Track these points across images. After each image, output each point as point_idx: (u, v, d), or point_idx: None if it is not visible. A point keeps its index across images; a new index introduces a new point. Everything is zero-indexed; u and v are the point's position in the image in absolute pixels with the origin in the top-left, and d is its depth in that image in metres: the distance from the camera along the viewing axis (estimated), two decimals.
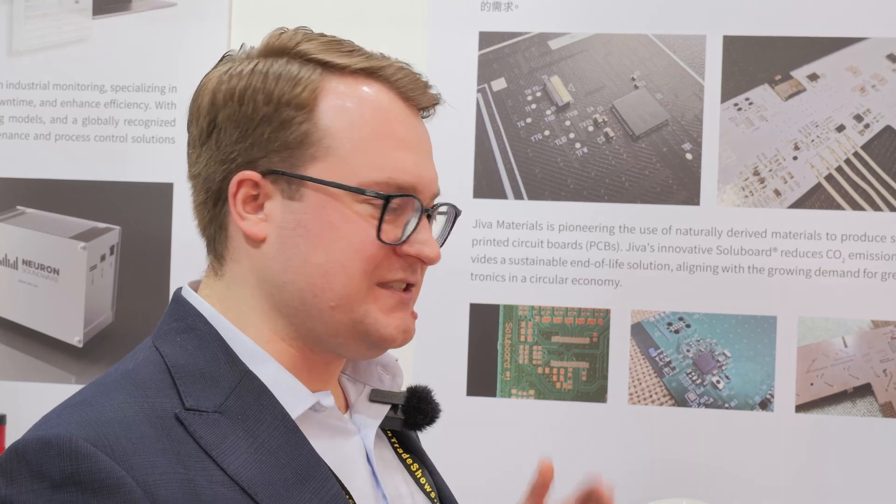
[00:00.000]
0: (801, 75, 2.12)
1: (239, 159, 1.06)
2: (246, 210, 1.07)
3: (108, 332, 2.25)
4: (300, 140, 1.05)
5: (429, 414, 1.15)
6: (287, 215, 1.06)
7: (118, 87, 2.26)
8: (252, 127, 1.06)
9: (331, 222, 1.04)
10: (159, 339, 1.07)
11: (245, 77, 1.07)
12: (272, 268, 1.06)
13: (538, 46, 2.17)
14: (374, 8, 2.21)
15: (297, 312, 1.06)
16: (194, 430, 0.99)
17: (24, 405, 2.23)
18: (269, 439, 1.02)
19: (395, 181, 1.06)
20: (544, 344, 2.15)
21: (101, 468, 0.92)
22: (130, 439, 0.95)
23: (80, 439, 0.93)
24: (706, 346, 2.11)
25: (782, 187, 2.11)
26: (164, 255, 2.23)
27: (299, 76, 1.06)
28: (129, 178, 2.25)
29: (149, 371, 1.04)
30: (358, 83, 1.08)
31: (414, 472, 1.17)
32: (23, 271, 2.28)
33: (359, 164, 1.05)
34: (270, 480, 1.00)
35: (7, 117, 2.28)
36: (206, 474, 0.97)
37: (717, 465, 2.09)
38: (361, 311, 1.06)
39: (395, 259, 1.07)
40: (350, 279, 1.05)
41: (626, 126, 2.15)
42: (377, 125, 1.07)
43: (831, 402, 2.08)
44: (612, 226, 2.14)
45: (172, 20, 2.24)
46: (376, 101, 1.08)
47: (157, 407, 1.00)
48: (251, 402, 1.04)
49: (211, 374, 1.04)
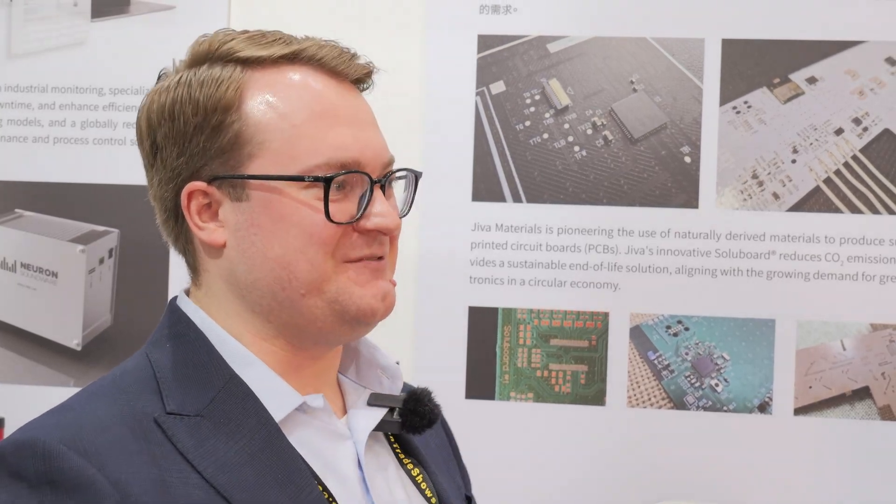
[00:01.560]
0: (799, 78, 2.12)
1: (184, 173, 1.07)
2: (203, 220, 1.08)
3: (106, 335, 2.25)
4: (234, 141, 1.06)
5: (426, 416, 1.14)
6: (239, 217, 1.06)
7: (117, 90, 2.26)
8: (187, 140, 1.06)
9: (280, 214, 1.05)
10: (151, 346, 1.09)
11: (172, 90, 1.08)
12: (238, 270, 1.07)
13: (537, 50, 2.17)
14: (373, 11, 2.22)
15: (272, 309, 1.07)
16: (172, 434, 1.00)
17: (23, 408, 2.22)
18: (249, 443, 1.02)
19: (337, 160, 1.05)
20: (543, 347, 2.15)
21: (71, 467, 0.94)
22: (105, 440, 0.97)
23: (54, 440, 0.95)
24: (705, 349, 2.11)
25: (781, 190, 2.11)
26: (163, 259, 2.23)
27: (221, 77, 1.06)
28: (127, 181, 2.24)
29: (135, 376, 1.05)
30: (281, 71, 1.08)
31: (414, 477, 1.16)
32: (21, 274, 2.27)
33: (296, 152, 1.05)
34: (247, 484, 1.00)
35: (6, 120, 2.28)
36: (182, 476, 0.98)
37: (715, 468, 2.09)
38: (333, 290, 1.06)
39: (357, 236, 1.07)
40: (312, 265, 1.05)
41: (625, 129, 2.15)
42: (307, 109, 1.06)
43: (830, 405, 2.08)
44: (610, 229, 2.14)
45: (171, 23, 2.24)
46: (302, 85, 1.07)
47: (138, 410, 1.01)
48: (234, 405, 1.04)
49: (196, 379, 1.05)
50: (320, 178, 1.04)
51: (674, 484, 2.10)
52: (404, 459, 1.17)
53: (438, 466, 1.22)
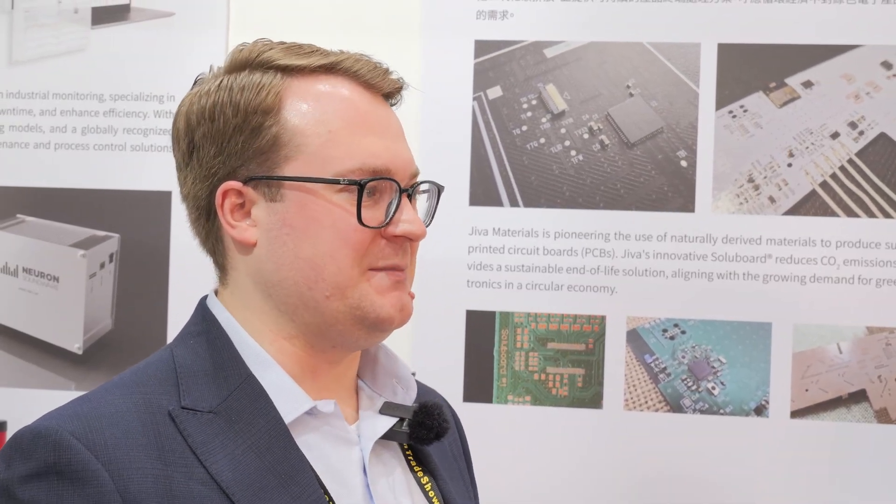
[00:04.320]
0: (795, 82, 2.13)
1: (220, 172, 1.12)
2: (235, 218, 1.12)
3: (107, 339, 2.26)
4: (272, 143, 1.10)
5: (433, 430, 1.17)
6: (272, 217, 1.10)
7: (117, 96, 2.28)
8: (226, 140, 1.11)
9: (313, 216, 1.09)
10: (176, 342, 1.14)
11: (213, 94, 1.12)
12: (266, 268, 1.11)
13: (533, 55, 2.19)
14: (370, 16, 2.23)
15: (296, 308, 1.10)
16: (184, 428, 1.04)
17: (25, 412, 2.23)
18: (257, 442, 1.06)
19: (369, 166, 1.10)
20: (540, 350, 2.16)
21: (78, 460, 0.99)
22: (115, 433, 1.02)
23: (66, 432, 1.00)
24: (701, 352, 2.12)
25: (777, 194, 2.12)
26: (163, 263, 2.24)
27: (262, 83, 1.11)
28: (127, 186, 2.26)
29: (156, 369, 1.10)
30: (319, 81, 1.12)
31: (423, 486, 1.19)
32: (23, 279, 2.29)
33: (330, 157, 1.09)
34: (250, 482, 1.03)
35: (7, 126, 2.30)
36: (186, 471, 1.02)
37: (712, 471, 2.10)
38: (356, 296, 1.09)
39: (385, 244, 1.11)
40: (340, 268, 1.09)
41: (622, 133, 2.16)
42: (342, 116, 1.11)
43: (826, 409, 2.09)
44: (607, 233, 2.15)
45: (170, 29, 2.26)
46: (338, 94, 1.12)
47: (153, 403, 1.06)
48: (247, 404, 1.08)
49: (214, 376, 1.09)
50: (355, 181, 1.08)
51: (670, 487, 2.11)
52: (416, 468, 1.20)
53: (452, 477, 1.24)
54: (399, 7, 2.21)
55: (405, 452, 1.20)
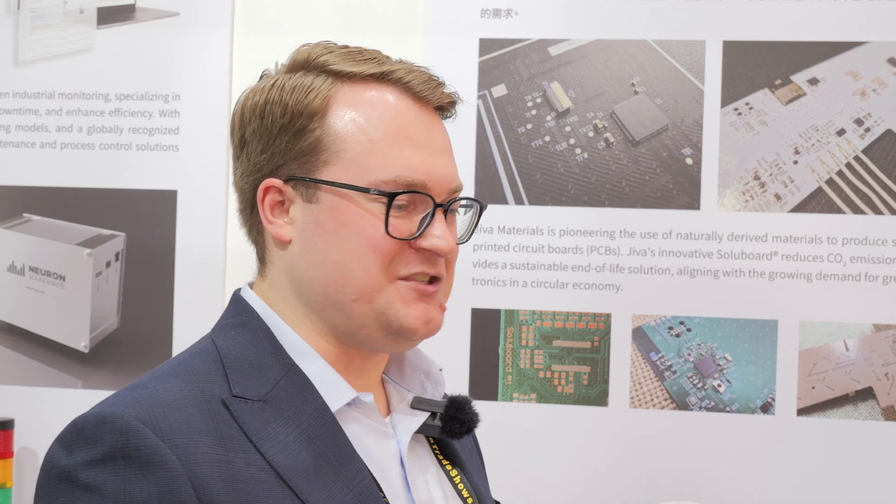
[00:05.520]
0: (801, 80, 2.12)
1: (264, 169, 1.15)
2: (274, 215, 1.15)
3: (113, 337, 2.27)
4: (314, 146, 1.13)
5: (465, 423, 1.19)
6: (307, 217, 1.13)
7: (122, 96, 2.28)
8: (272, 139, 1.14)
9: (345, 221, 1.11)
10: (216, 333, 1.16)
11: (266, 92, 1.16)
12: (299, 266, 1.13)
13: (538, 53, 2.18)
14: (375, 15, 2.23)
15: (325, 307, 1.13)
16: (238, 416, 1.07)
17: (32, 410, 2.26)
18: (306, 429, 1.09)
19: (403, 179, 1.11)
20: (546, 348, 2.16)
21: (147, 445, 1.00)
22: (178, 420, 1.03)
23: (132, 417, 1.01)
24: (707, 350, 2.11)
25: (783, 191, 2.11)
26: (168, 262, 2.25)
27: (311, 86, 1.14)
28: (133, 185, 2.27)
29: (203, 360, 1.12)
30: (368, 88, 1.14)
31: (452, 478, 1.21)
32: (29, 278, 2.30)
33: (368, 165, 1.11)
34: (305, 467, 1.06)
35: (13, 126, 2.31)
36: (245, 457, 1.04)
37: (718, 468, 2.09)
38: (382, 303, 1.11)
39: (413, 253, 1.12)
40: (367, 273, 1.11)
41: (627, 131, 2.16)
42: (385, 127, 1.12)
43: (833, 406, 2.08)
44: (612, 230, 2.15)
45: (176, 29, 2.26)
46: (385, 104, 1.14)
47: (207, 391, 1.08)
48: (294, 393, 1.10)
49: (259, 366, 1.11)
50: (384, 193, 1.10)
51: (676, 485, 2.11)
52: (444, 461, 1.22)
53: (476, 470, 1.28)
54: (404, 5, 2.22)
55: (432, 447, 1.23)
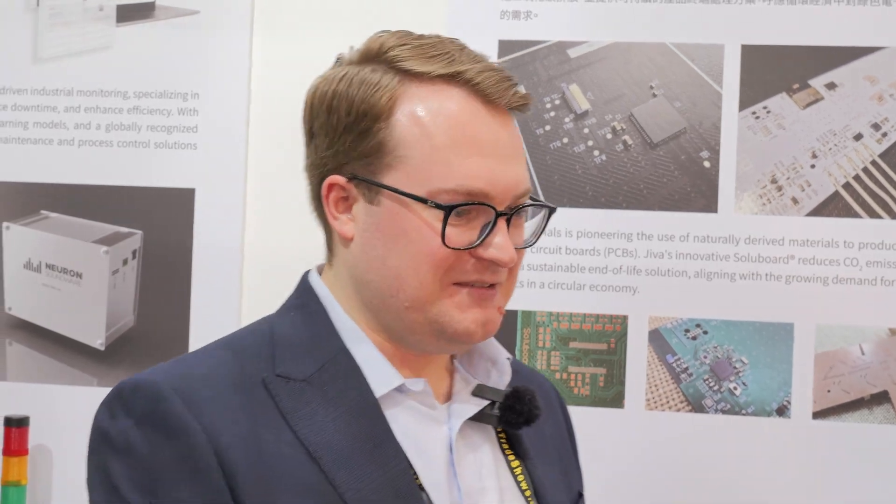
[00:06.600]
0: (818, 84, 2.13)
1: (329, 165, 1.14)
2: (338, 211, 1.15)
3: (129, 335, 2.27)
4: (377, 149, 1.11)
5: (523, 414, 1.17)
6: (368, 218, 1.12)
7: (141, 94, 2.29)
8: (337, 136, 1.13)
9: (403, 228, 1.10)
10: (277, 313, 1.18)
11: (335, 82, 1.14)
12: (358, 266, 1.14)
13: (557, 55, 2.19)
14: (393, 16, 2.23)
15: (379, 309, 1.13)
16: (276, 394, 1.08)
17: (47, 407, 2.26)
18: (346, 411, 1.09)
19: (464, 188, 1.09)
20: (562, 350, 2.16)
21: (174, 412, 1.04)
22: (209, 392, 1.06)
23: (164, 385, 1.06)
24: (723, 352, 2.12)
25: (800, 195, 2.12)
26: (186, 260, 2.25)
27: (378, 84, 1.12)
28: (151, 183, 2.27)
29: (253, 339, 1.14)
30: (436, 90, 1.11)
31: (513, 469, 1.20)
32: (46, 275, 2.30)
33: (429, 173, 1.09)
34: (338, 447, 1.07)
35: (32, 123, 2.31)
36: (276, 434, 1.06)
37: (733, 471, 2.10)
38: (435, 311, 1.11)
39: (473, 261, 1.11)
40: (421, 282, 1.10)
41: (645, 134, 2.17)
42: (449, 133, 1.10)
43: (848, 410, 2.09)
44: (629, 233, 2.15)
45: (195, 27, 2.27)
46: (451, 109, 1.11)
47: (247, 370, 1.09)
48: (339, 376, 1.11)
49: (309, 348, 1.12)
50: (441, 205, 1.09)
51: (692, 487, 2.11)
52: (507, 452, 1.21)
53: (547, 463, 1.25)
54: (423, 7, 2.22)
55: (498, 436, 1.22)
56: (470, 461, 1.16)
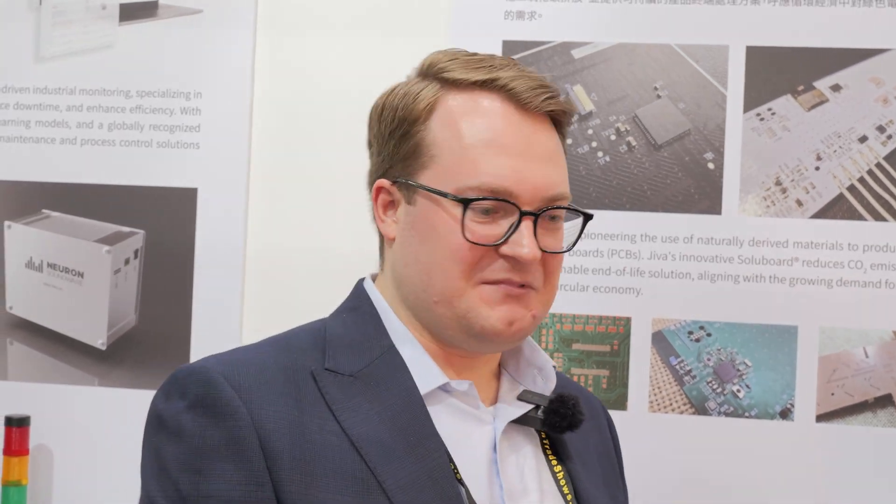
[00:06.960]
0: (823, 86, 2.12)
1: (379, 170, 1.23)
2: (385, 214, 1.22)
3: (131, 335, 2.27)
4: (414, 150, 1.18)
5: (566, 419, 1.20)
6: (406, 218, 1.19)
7: (144, 93, 2.28)
8: (384, 143, 1.22)
9: (433, 225, 1.16)
10: (331, 315, 1.24)
11: (387, 96, 1.23)
12: (398, 264, 1.20)
13: (561, 55, 2.18)
14: (397, 17, 2.23)
15: (415, 305, 1.19)
16: (323, 386, 1.13)
17: (48, 407, 2.25)
18: (391, 406, 1.13)
19: (488, 185, 1.14)
20: (565, 351, 2.15)
21: (222, 396, 1.09)
22: (258, 380, 1.12)
23: (216, 372, 1.11)
24: (727, 354, 2.11)
25: (804, 197, 2.11)
26: (188, 259, 2.25)
27: (420, 92, 1.20)
28: (153, 182, 2.27)
29: (306, 336, 1.19)
30: (472, 95, 1.18)
31: (556, 473, 1.23)
32: (48, 274, 2.30)
33: (458, 171, 1.15)
34: (380, 440, 1.11)
35: (34, 122, 2.30)
36: (321, 422, 1.11)
37: (737, 473, 2.09)
38: (463, 307, 1.15)
39: (498, 259, 1.15)
40: (448, 277, 1.15)
41: (649, 135, 2.16)
42: (479, 134, 1.15)
43: (852, 412, 2.08)
44: (633, 234, 2.14)
45: (198, 27, 2.26)
46: (484, 112, 1.17)
47: (298, 362, 1.15)
48: (386, 372, 1.16)
49: (359, 346, 1.18)
50: (460, 199, 1.14)
51: (695, 489, 2.10)
52: (550, 456, 1.24)
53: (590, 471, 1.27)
54: (427, 7, 2.21)
55: (542, 441, 1.24)
56: (512, 461, 1.19)
